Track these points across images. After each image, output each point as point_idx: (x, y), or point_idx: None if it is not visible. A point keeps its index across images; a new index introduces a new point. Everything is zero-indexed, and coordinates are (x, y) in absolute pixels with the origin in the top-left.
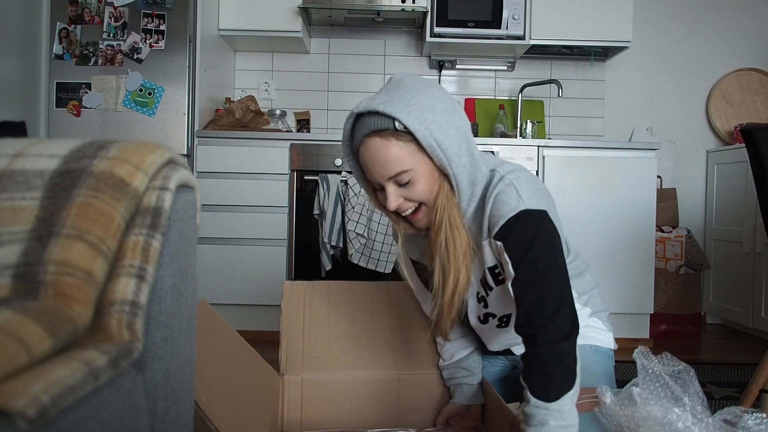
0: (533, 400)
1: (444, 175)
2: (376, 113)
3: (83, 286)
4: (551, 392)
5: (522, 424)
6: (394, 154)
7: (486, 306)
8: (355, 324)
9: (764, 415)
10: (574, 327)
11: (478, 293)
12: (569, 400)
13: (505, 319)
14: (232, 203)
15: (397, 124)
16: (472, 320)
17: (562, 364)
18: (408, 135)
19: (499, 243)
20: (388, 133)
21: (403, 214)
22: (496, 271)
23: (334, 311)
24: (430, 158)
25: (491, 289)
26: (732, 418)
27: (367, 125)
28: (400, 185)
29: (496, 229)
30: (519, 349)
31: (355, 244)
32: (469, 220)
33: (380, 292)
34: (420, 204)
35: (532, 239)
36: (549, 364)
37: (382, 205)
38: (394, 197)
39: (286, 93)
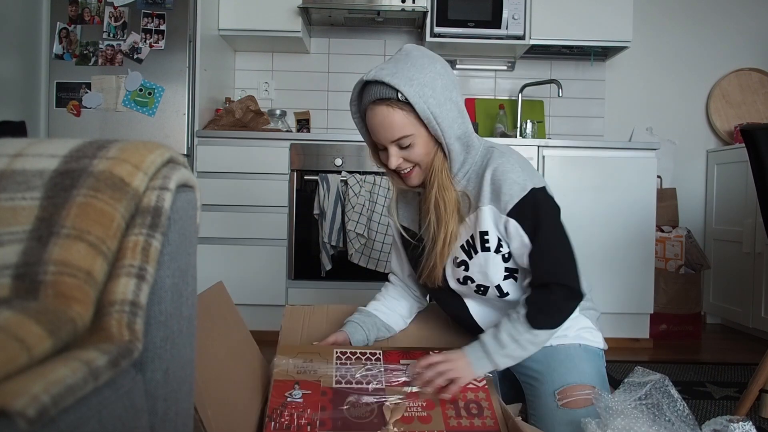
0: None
1: (438, 141)
2: (383, 83)
3: (83, 286)
4: (537, 319)
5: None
6: (397, 121)
7: (467, 269)
8: None
9: (750, 423)
10: (580, 293)
11: (456, 258)
12: (542, 335)
13: (482, 289)
14: (232, 203)
15: (399, 95)
16: (452, 283)
17: (559, 309)
18: (409, 105)
19: (512, 220)
20: (392, 102)
21: (401, 173)
22: (486, 237)
23: (331, 328)
24: (427, 127)
25: (476, 253)
26: (721, 428)
27: (374, 93)
28: (401, 148)
29: (510, 207)
30: None
31: (355, 244)
32: (461, 183)
33: None
34: (415, 165)
35: (546, 213)
36: (549, 301)
37: (382, 163)
38: (395, 158)
39: (286, 93)
